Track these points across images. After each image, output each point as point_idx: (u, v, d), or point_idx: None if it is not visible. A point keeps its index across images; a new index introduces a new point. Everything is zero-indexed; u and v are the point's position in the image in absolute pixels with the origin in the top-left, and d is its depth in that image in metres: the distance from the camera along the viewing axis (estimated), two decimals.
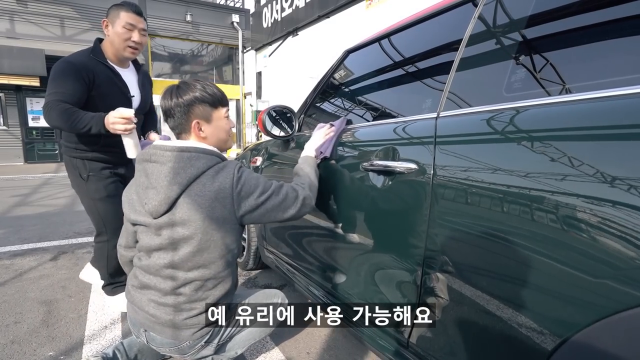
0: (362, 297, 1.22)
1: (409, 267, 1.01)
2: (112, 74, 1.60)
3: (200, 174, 1.06)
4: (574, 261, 0.64)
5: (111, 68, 1.60)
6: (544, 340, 0.68)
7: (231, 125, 1.24)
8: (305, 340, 1.59)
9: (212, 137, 1.16)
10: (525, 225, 0.71)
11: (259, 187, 1.12)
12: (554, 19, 0.85)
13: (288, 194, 1.17)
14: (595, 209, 0.61)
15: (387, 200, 1.08)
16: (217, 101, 1.15)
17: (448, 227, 0.88)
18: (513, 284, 0.74)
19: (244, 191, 1.09)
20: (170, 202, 1.04)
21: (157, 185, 1.05)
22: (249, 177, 1.12)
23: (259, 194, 1.11)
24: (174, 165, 1.04)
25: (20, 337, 1.56)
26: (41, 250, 2.73)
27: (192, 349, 1.14)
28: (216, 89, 1.16)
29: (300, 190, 1.20)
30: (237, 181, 1.08)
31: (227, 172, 1.08)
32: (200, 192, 1.05)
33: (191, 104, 1.10)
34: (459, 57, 0.98)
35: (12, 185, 6.00)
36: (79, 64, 1.51)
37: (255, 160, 2.05)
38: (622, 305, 0.57)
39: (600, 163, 0.62)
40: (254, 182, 1.12)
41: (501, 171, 0.76)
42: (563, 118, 0.71)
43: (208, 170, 1.07)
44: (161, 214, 1.06)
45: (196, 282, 1.09)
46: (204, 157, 1.08)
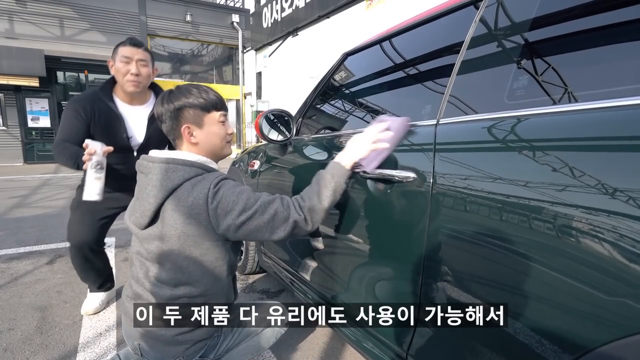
0: (361, 305, 1.19)
1: (408, 276, 0.98)
2: (112, 112, 1.63)
3: (176, 187, 0.99)
4: (573, 271, 0.61)
5: (112, 107, 1.63)
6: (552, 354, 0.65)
7: (228, 131, 1.14)
8: (303, 349, 1.56)
9: (204, 143, 1.09)
10: (525, 235, 0.68)
11: (238, 204, 0.98)
12: (559, 22, 0.83)
13: (277, 213, 1.01)
14: (595, 219, 0.58)
15: (386, 208, 1.05)
16: (211, 105, 1.07)
17: (447, 237, 0.86)
18: (512, 294, 0.72)
19: (221, 208, 0.98)
20: (149, 214, 1.00)
21: (141, 197, 1.03)
22: (228, 192, 0.99)
23: (239, 212, 0.98)
24: (156, 177, 1.00)
25: (14, 345, 1.53)
26: (38, 253, 2.71)
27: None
28: (211, 93, 1.10)
29: (294, 210, 1.03)
30: (212, 196, 0.97)
31: (203, 186, 0.98)
32: (176, 206, 0.98)
33: (180, 108, 1.06)
34: (459, 61, 0.96)
35: (11, 187, 5.98)
36: (81, 102, 1.59)
37: (253, 164, 2.02)
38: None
39: (612, 174, 0.59)
40: (234, 197, 0.98)
41: (502, 180, 0.74)
42: (566, 127, 0.68)
43: (185, 184, 0.99)
44: (144, 226, 1.03)
45: (183, 299, 1.03)
46: (182, 169, 1.00)
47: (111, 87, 1.67)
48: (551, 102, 0.75)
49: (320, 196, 1.04)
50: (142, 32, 10.51)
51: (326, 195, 1.04)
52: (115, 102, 1.66)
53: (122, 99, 1.67)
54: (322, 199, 1.04)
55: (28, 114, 9.56)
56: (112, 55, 1.61)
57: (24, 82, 8.81)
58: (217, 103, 1.10)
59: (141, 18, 10.47)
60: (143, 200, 1.02)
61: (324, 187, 1.04)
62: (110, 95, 1.64)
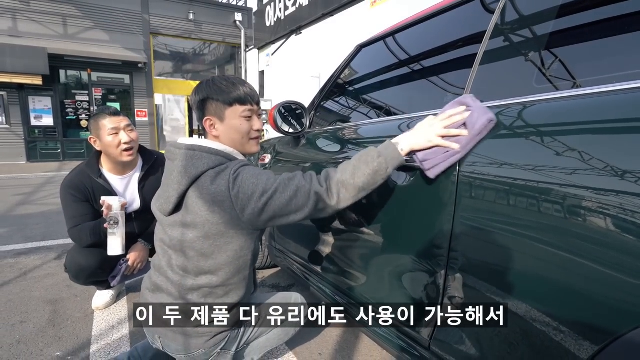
0: (379, 296, 1.18)
1: (430, 265, 0.98)
2: (103, 188, 1.63)
3: (199, 175, 0.98)
4: (612, 260, 0.60)
5: (102, 182, 1.63)
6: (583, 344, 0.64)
7: (254, 127, 1.09)
8: (317, 342, 1.56)
9: (225, 137, 1.07)
10: (552, 222, 0.67)
11: (259, 186, 0.94)
12: (585, 9, 0.82)
13: (299, 189, 0.94)
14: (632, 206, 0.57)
15: (407, 196, 1.05)
16: (234, 99, 1.04)
17: (473, 224, 0.85)
18: (540, 282, 0.71)
19: (242, 193, 0.94)
20: (173, 201, 1.00)
21: (166, 183, 1.04)
22: (247, 176, 0.96)
23: (260, 194, 0.94)
24: (180, 164, 1.00)
25: (27, 337, 1.53)
26: (45, 249, 2.70)
27: (207, 356, 1.10)
28: (241, 87, 1.06)
29: (316, 181, 0.95)
30: (233, 182, 0.95)
31: (225, 174, 0.97)
32: (200, 194, 0.97)
33: (204, 99, 1.06)
34: (482, 49, 0.95)
35: (15, 184, 5.98)
36: (73, 185, 1.60)
37: (264, 158, 2.02)
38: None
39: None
40: (254, 180, 0.95)
41: (530, 167, 0.72)
42: (598, 110, 0.67)
43: (209, 171, 0.98)
44: (168, 212, 1.02)
45: (204, 289, 1.03)
46: (207, 157, 0.99)
47: (97, 162, 1.65)
48: (577, 85, 0.74)
49: (356, 172, 0.92)
50: (145, 30, 10.52)
51: (363, 173, 0.91)
52: (105, 176, 1.66)
53: (111, 170, 1.67)
54: (357, 175, 0.92)
55: (31, 112, 9.56)
56: (91, 131, 1.60)
57: (27, 80, 8.81)
58: (242, 97, 1.06)
59: (144, 16, 10.47)
60: (168, 187, 1.02)
61: (363, 164, 0.92)
62: (97, 171, 1.63)
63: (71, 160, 9.83)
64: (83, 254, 1.63)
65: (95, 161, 1.66)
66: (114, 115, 1.58)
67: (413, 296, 1.05)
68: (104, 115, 1.57)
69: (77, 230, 1.59)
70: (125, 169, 1.70)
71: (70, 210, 1.61)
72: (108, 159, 1.64)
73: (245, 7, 12.23)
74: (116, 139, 1.56)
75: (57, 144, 9.98)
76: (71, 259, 1.65)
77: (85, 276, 1.67)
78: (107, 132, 1.55)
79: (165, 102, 11.83)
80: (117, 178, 1.68)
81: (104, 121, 1.56)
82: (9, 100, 9.29)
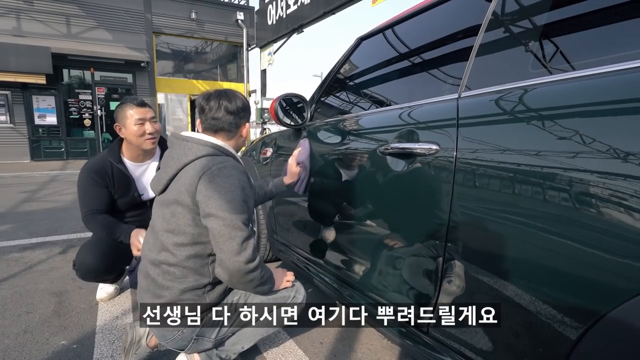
0: (381, 285, 1.20)
1: (429, 252, 0.99)
2: (123, 174, 1.69)
3: (189, 162, 1.09)
4: (613, 245, 0.61)
5: (122, 168, 1.69)
6: (572, 321, 0.66)
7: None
8: (319, 330, 1.57)
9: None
10: (550, 209, 0.69)
11: (223, 200, 1.02)
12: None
13: (234, 238, 1.01)
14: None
15: (406, 183, 1.06)
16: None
17: (471, 211, 0.86)
18: (534, 267, 0.72)
19: (209, 189, 1.03)
20: (164, 182, 1.12)
21: (162, 168, 1.16)
22: (224, 182, 1.04)
23: (216, 208, 1.01)
24: (176, 152, 1.12)
25: (33, 327, 1.55)
26: (50, 243, 2.73)
27: (185, 341, 1.15)
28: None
29: (250, 249, 1.04)
30: (209, 175, 1.04)
31: (207, 164, 1.07)
32: (182, 177, 1.09)
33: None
34: (480, 36, 0.96)
35: (19, 182, 6.03)
36: (95, 168, 1.64)
37: (266, 152, 2.04)
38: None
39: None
40: (226, 188, 1.03)
41: (531, 152, 0.74)
42: (597, 91, 0.68)
43: (197, 160, 1.09)
44: (159, 191, 1.16)
45: (162, 266, 1.10)
46: (197, 148, 1.10)
47: (119, 149, 1.73)
48: (573, 68, 0.75)
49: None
50: (148, 29, 10.55)
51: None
52: (125, 163, 1.72)
53: (131, 158, 1.74)
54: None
55: (35, 111, 9.62)
56: (117, 119, 1.64)
57: (31, 79, 8.85)
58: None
59: (147, 16, 10.51)
60: (162, 171, 1.14)
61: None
62: (119, 158, 1.71)
63: (74, 159, 9.88)
64: (93, 257, 1.63)
65: (118, 148, 1.73)
66: (140, 106, 1.63)
67: (413, 283, 1.07)
68: (131, 105, 1.62)
69: (93, 220, 1.63)
70: (144, 157, 1.76)
71: (88, 193, 1.64)
72: (129, 146, 1.71)
73: (247, 6, 12.24)
74: (141, 129, 1.63)
75: (61, 143, 10.03)
76: (81, 260, 1.65)
77: (93, 277, 1.69)
78: (133, 121, 1.61)
79: (168, 101, 11.85)
80: (135, 165, 1.75)
81: (130, 111, 1.61)
82: (13, 100, 9.35)
